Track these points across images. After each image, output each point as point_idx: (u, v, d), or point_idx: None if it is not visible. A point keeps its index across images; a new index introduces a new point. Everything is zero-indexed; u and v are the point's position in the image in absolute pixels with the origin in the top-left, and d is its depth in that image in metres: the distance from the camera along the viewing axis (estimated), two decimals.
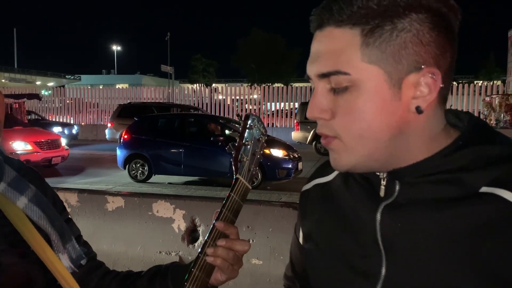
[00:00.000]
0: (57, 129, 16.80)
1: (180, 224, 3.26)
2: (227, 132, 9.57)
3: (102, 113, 24.59)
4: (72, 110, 24.88)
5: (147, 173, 9.70)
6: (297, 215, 0.91)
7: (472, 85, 20.63)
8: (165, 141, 9.78)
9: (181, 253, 3.25)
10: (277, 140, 10.03)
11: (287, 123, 21.78)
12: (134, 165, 9.79)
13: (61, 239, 0.91)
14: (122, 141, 10.17)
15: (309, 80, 0.71)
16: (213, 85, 36.46)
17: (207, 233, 0.86)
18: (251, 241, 3.03)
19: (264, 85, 25.40)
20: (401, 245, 0.67)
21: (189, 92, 26.26)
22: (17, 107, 15.30)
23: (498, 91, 19.82)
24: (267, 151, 8.68)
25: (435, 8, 0.63)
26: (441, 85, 0.64)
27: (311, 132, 15.55)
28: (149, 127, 10.32)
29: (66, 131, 17.88)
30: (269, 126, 21.39)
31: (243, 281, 2.95)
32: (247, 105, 23.78)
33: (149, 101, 22.82)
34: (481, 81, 29.26)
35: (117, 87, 30.87)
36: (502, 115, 17.26)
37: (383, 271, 0.69)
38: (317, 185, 0.85)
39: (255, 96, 24.50)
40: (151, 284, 0.97)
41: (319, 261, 0.79)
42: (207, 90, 25.10)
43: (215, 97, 24.90)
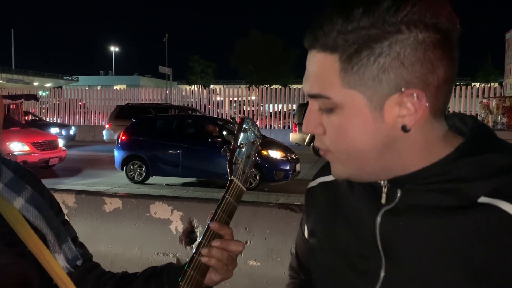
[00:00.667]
0: (54, 130, 16.77)
1: (177, 225, 3.25)
2: (225, 133, 9.57)
3: (92, 115, 24.50)
4: (68, 111, 24.83)
5: (144, 174, 9.69)
6: (298, 214, 0.93)
7: (469, 87, 20.67)
8: (163, 142, 9.78)
9: (178, 255, 3.24)
10: (275, 141, 10.04)
11: (285, 125, 21.79)
12: (131, 167, 9.77)
13: (57, 240, 0.91)
14: (119, 142, 10.15)
15: None
16: (211, 86, 36.48)
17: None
18: (248, 242, 3.03)
19: (262, 87, 25.40)
20: (400, 250, 0.68)
21: (187, 93, 26.23)
22: (14, 108, 15.27)
23: (495, 93, 19.88)
24: (265, 153, 8.69)
25: (422, 23, 0.61)
26: (426, 104, 0.63)
27: (309, 133, 15.54)
28: (147, 128, 10.31)
29: (63, 132, 17.84)
30: (267, 127, 21.41)
31: (240, 282, 2.95)
32: (245, 107, 23.79)
33: (147, 102, 22.78)
34: (479, 83, 29.36)
35: (115, 88, 30.86)
36: (499, 117, 17.31)
37: (382, 274, 0.70)
38: (322, 183, 0.87)
39: (253, 97, 24.51)
40: (147, 285, 0.97)
41: (321, 257, 0.81)
42: (205, 91, 25.09)
43: (213, 99, 24.90)
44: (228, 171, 0.90)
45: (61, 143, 11.66)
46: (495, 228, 0.62)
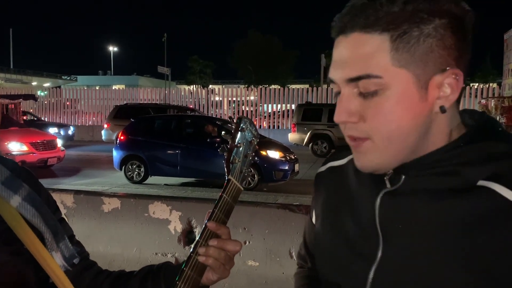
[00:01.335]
0: (53, 130, 16.74)
1: (176, 225, 3.25)
2: (224, 133, 9.54)
3: (91, 115, 24.46)
4: (64, 110, 24.80)
5: (143, 174, 9.68)
6: (296, 215, 0.94)
7: (468, 87, 20.72)
8: (162, 142, 9.77)
9: (177, 255, 3.24)
10: (273, 141, 10.04)
11: (283, 125, 21.79)
12: (130, 166, 9.76)
13: (54, 238, 0.91)
14: (118, 142, 10.15)
15: (332, 84, 0.73)
16: (210, 86, 36.45)
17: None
18: (247, 242, 3.03)
19: (261, 87, 25.40)
20: (398, 230, 0.71)
21: (186, 93, 26.22)
22: (12, 107, 15.24)
23: (494, 94, 19.92)
24: (263, 153, 8.69)
25: (455, 13, 0.67)
26: (463, 85, 0.69)
27: (308, 133, 15.57)
28: (146, 128, 10.31)
29: (62, 132, 17.81)
30: (265, 127, 21.40)
31: (239, 282, 2.95)
32: (244, 107, 23.78)
33: (145, 102, 22.77)
34: (477, 84, 29.40)
35: (114, 88, 30.83)
36: (498, 117, 17.34)
37: (379, 253, 0.72)
38: (331, 167, 0.90)
39: (252, 97, 24.51)
40: (143, 283, 0.98)
41: (323, 239, 0.83)
42: (203, 91, 25.05)
43: (212, 99, 24.89)
44: (225, 170, 0.90)
45: (59, 143, 11.64)
46: (490, 210, 0.64)
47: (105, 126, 16.73)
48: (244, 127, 0.92)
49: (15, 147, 10.41)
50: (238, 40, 53.82)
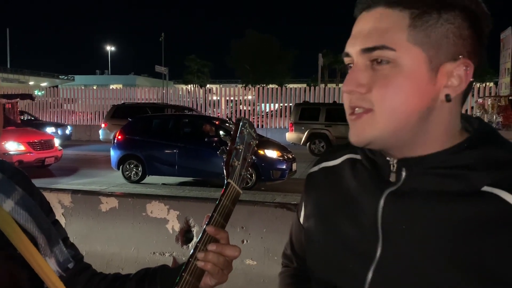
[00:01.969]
0: (50, 130, 16.70)
1: (174, 224, 3.25)
2: (221, 133, 9.56)
3: (88, 114, 24.39)
4: (64, 111, 24.73)
5: (141, 174, 9.67)
6: (294, 214, 0.94)
7: None
8: (159, 141, 9.75)
9: (175, 254, 3.24)
10: (271, 141, 10.04)
11: (281, 124, 21.80)
12: (128, 166, 9.75)
13: (48, 243, 0.89)
14: (116, 141, 10.13)
15: (345, 58, 0.74)
16: (208, 85, 36.42)
17: (199, 236, 0.87)
18: (245, 241, 3.04)
19: (258, 86, 25.40)
20: (399, 231, 0.71)
21: (183, 92, 26.18)
22: (10, 107, 15.19)
23: (490, 93, 19.97)
24: (261, 152, 8.69)
25: (474, 10, 0.69)
26: (471, 79, 0.70)
27: (305, 133, 15.59)
28: (143, 127, 10.29)
29: (59, 132, 17.77)
30: (263, 127, 21.40)
31: (237, 281, 2.95)
32: (241, 106, 23.77)
33: (143, 102, 22.73)
34: (474, 83, 29.39)
35: (111, 87, 30.75)
36: (494, 116, 17.39)
37: (378, 254, 0.72)
38: (324, 168, 0.89)
39: (250, 97, 24.50)
40: (140, 286, 0.97)
41: (317, 239, 0.83)
42: (201, 90, 25.03)
43: (210, 98, 24.87)
44: (224, 173, 0.89)
45: (57, 142, 11.61)
46: (495, 216, 0.65)
47: (103, 125, 16.70)
48: (243, 129, 0.91)
49: (13, 146, 10.38)
50: (235, 39, 53.79)
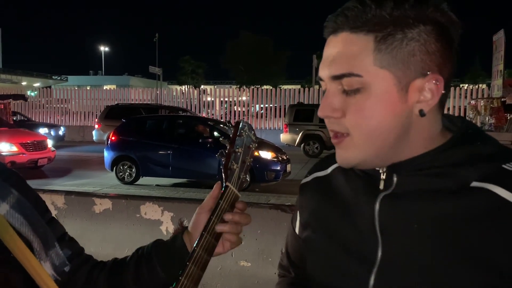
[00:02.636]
0: (43, 130, 16.60)
1: (168, 226, 3.24)
2: (216, 134, 9.55)
3: (82, 115, 24.28)
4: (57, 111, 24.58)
5: (134, 175, 9.63)
6: (288, 215, 0.93)
7: (458, 88, 20.90)
8: (153, 143, 9.73)
9: None
10: (265, 142, 10.05)
11: (275, 125, 21.82)
12: (121, 167, 9.71)
13: (43, 247, 0.89)
14: (109, 142, 10.08)
15: (320, 81, 0.75)
16: (202, 86, 36.38)
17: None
18: None
19: (253, 87, 25.39)
20: (397, 231, 0.72)
21: (178, 93, 26.11)
22: (2, 107, 15.09)
23: (483, 95, 20.11)
24: (256, 153, 8.65)
25: (440, 21, 0.69)
26: (443, 91, 0.70)
27: (300, 134, 15.61)
28: (137, 128, 10.26)
29: (52, 133, 17.67)
30: (257, 128, 21.41)
31: (231, 283, 2.94)
32: (235, 107, 23.77)
33: (137, 103, 22.66)
34: (467, 85, 29.65)
35: (105, 88, 30.64)
36: (487, 118, 17.51)
37: (379, 255, 0.73)
38: (316, 178, 0.90)
39: (244, 98, 24.50)
40: (138, 270, 0.97)
41: (317, 247, 0.83)
42: (195, 91, 24.99)
43: (204, 99, 24.83)
44: (223, 176, 0.89)
45: (50, 143, 11.54)
46: (488, 210, 0.66)
47: (96, 126, 16.62)
48: (242, 131, 0.90)
49: (5, 147, 10.30)
50: (230, 40, 53.79)
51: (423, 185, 0.71)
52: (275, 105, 22.42)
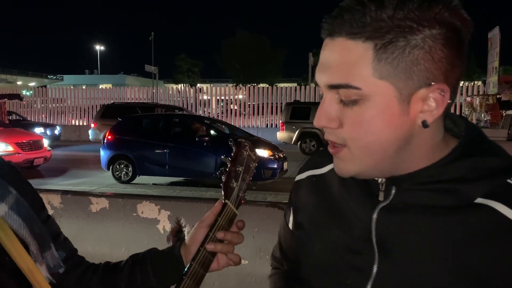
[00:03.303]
0: (39, 130, 16.53)
1: (165, 225, 3.24)
2: (212, 132, 9.54)
3: (78, 114, 24.20)
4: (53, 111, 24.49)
5: (131, 174, 9.61)
6: (287, 203, 0.94)
7: None
8: (150, 141, 9.71)
9: None
10: (262, 140, 10.05)
11: (272, 123, 21.83)
12: (118, 166, 9.69)
13: (40, 249, 0.88)
14: (105, 141, 10.05)
15: (318, 86, 0.73)
16: (198, 85, 36.29)
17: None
18: None
19: (249, 86, 25.39)
20: (394, 246, 0.69)
21: (174, 92, 26.08)
22: None
23: (478, 91, 20.18)
24: None
25: (449, 22, 0.62)
26: (449, 101, 0.65)
27: (296, 132, 15.62)
28: (133, 127, 10.23)
29: (48, 132, 17.60)
30: (254, 126, 21.41)
31: (228, 281, 2.95)
32: (232, 105, 23.76)
33: (133, 101, 22.60)
34: (463, 82, 29.76)
35: (100, 87, 30.54)
36: (482, 115, 17.59)
37: (375, 269, 0.70)
38: (311, 176, 0.87)
39: (240, 96, 24.49)
40: (132, 275, 0.97)
41: (311, 249, 0.81)
42: (191, 90, 24.96)
43: (200, 97, 24.81)
44: (222, 193, 0.90)
45: (46, 143, 11.50)
46: (490, 229, 0.64)
47: (92, 125, 16.57)
48: (243, 151, 0.91)
49: (0, 147, 10.26)
50: (226, 39, 53.75)
51: (424, 200, 0.68)
52: (263, 102, 22.41)
